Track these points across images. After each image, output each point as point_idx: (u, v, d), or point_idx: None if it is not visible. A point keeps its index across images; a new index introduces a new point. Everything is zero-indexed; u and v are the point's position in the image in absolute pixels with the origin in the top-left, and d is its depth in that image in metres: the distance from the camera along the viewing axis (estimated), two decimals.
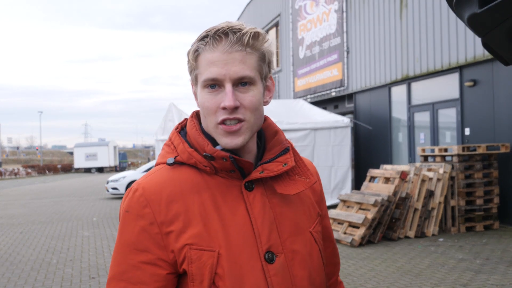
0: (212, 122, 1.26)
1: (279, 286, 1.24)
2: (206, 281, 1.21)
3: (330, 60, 18.08)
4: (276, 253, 1.27)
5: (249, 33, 1.23)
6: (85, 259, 8.84)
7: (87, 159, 56.28)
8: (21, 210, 18.00)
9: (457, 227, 10.20)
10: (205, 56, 1.24)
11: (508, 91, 10.58)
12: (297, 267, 1.29)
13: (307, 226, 1.37)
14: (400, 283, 6.69)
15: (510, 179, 10.61)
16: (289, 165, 1.32)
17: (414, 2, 13.36)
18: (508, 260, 7.73)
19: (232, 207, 1.27)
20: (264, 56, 1.29)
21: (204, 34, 1.25)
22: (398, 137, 14.75)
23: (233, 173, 1.30)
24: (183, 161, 1.31)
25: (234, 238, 1.24)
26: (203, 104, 1.27)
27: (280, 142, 1.37)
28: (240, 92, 1.24)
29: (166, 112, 16.54)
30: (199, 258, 1.22)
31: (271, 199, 1.31)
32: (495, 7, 1.17)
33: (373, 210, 9.34)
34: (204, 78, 1.24)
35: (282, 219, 1.31)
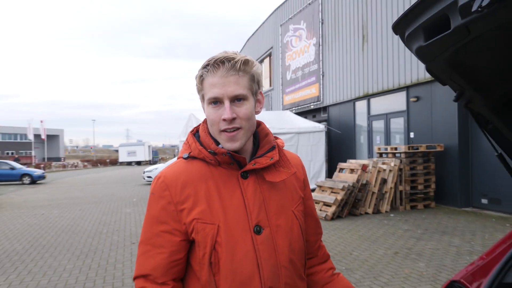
0: (216, 130, 1.27)
1: (264, 251, 1.25)
2: (208, 246, 1.23)
3: (310, 81, 18.04)
4: (263, 227, 1.27)
5: (240, 61, 1.24)
6: (127, 229, 8.87)
7: (129, 155, 56.16)
8: (79, 193, 17.97)
9: (404, 206, 10.25)
10: (208, 80, 1.25)
11: (443, 105, 10.62)
12: (280, 238, 1.29)
13: (290, 206, 1.36)
14: (361, 247, 6.73)
15: (443, 171, 10.67)
16: (275, 159, 1.32)
17: (373, 39, 13.39)
18: (441, 230, 7.78)
19: (231, 191, 1.28)
20: (253, 77, 1.28)
21: (206, 63, 1.26)
22: (360, 139, 14.74)
23: (232, 165, 1.30)
24: (195, 156, 1.33)
25: (230, 215, 1.25)
26: (209, 117, 1.28)
27: (269, 141, 1.37)
28: (236, 106, 1.24)
29: (187, 120, 16.51)
30: (203, 229, 1.24)
31: (261, 185, 1.31)
32: (436, 42, 1.20)
33: (341, 193, 9.39)
34: (208, 97, 1.25)
35: (269, 200, 1.31)
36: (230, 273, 1.23)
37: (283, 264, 1.29)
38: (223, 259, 1.23)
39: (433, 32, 1.20)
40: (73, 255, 6.82)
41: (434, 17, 1.16)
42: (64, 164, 51.83)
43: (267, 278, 1.25)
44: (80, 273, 5.81)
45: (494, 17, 1.02)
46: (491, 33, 1.11)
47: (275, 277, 1.27)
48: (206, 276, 1.25)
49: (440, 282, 4.97)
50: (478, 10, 0.98)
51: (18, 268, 6.12)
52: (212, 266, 1.24)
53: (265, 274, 1.25)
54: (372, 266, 5.72)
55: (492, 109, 1.55)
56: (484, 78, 1.41)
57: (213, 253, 1.24)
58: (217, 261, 1.24)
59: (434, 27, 1.19)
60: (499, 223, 8.39)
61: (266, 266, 1.25)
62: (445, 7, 1.10)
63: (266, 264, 1.25)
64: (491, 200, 9.83)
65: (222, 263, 1.23)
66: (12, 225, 9.90)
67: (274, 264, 1.27)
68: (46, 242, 7.84)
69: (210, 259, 1.24)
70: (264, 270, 1.25)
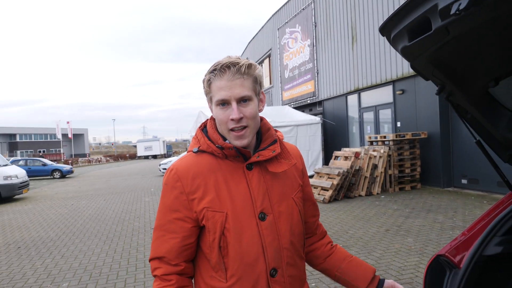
0: (225, 129, 1.26)
1: (268, 236, 1.26)
2: (218, 232, 1.24)
3: (306, 79, 17.95)
4: (267, 213, 1.27)
5: (245, 65, 1.22)
6: (147, 216, 8.90)
7: (146, 150, 56.36)
8: (103, 185, 18.05)
9: (393, 188, 10.23)
10: (215, 84, 1.23)
11: (425, 97, 10.57)
12: (282, 223, 1.29)
13: (291, 193, 1.35)
14: (356, 226, 6.74)
15: (427, 155, 10.63)
16: (276, 152, 1.31)
17: (361, 39, 13.30)
18: (426, 209, 7.77)
19: (237, 182, 1.28)
20: (256, 79, 1.27)
21: (213, 68, 1.24)
22: (353, 129, 14.68)
23: (238, 158, 1.30)
24: (204, 150, 1.32)
25: (237, 203, 1.25)
26: (218, 117, 1.26)
27: (271, 135, 1.36)
28: (242, 107, 1.23)
29: (197, 117, 16.46)
30: (213, 217, 1.24)
31: (265, 176, 1.30)
32: (419, 42, 1.21)
33: (337, 178, 9.38)
34: (216, 99, 1.23)
35: (272, 189, 1.30)
36: (238, 255, 1.24)
37: (285, 246, 1.29)
38: (231, 243, 1.24)
39: (416, 33, 1.20)
40: (100, 240, 6.86)
41: (417, 19, 1.16)
42: (89, 160, 52.01)
43: (271, 259, 1.26)
44: (107, 256, 5.85)
45: (470, 19, 1.02)
46: (468, 34, 1.11)
47: (278, 258, 1.28)
48: (216, 258, 1.25)
49: (426, 255, 4.97)
50: (456, 13, 0.98)
51: (53, 253, 6.17)
52: (222, 249, 1.24)
53: (269, 256, 1.26)
54: (366, 242, 5.73)
55: (470, 101, 1.54)
56: (462, 74, 1.41)
57: (222, 238, 1.24)
58: (225, 245, 1.24)
59: (417, 28, 1.18)
60: (478, 201, 8.38)
61: (270, 249, 1.26)
62: (427, 11, 1.10)
63: (270, 247, 1.26)
64: (470, 180, 9.81)
65: (231, 247, 1.24)
66: (46, 215, 9.97)
67: (277, 247, 1.27)
68: (76, 229, 7.89)
69: (220, 243, 1.24)
70: (268, 252, 1.26)
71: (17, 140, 66.74)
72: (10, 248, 6.68)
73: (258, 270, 1.25)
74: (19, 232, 8.01)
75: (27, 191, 14.73)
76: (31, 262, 5.73)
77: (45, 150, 68.87)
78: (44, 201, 13.01)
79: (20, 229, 8.28)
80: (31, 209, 11.26)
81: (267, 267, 1.25)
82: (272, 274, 1.26)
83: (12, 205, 12.49)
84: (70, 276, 5.00)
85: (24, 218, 9.78)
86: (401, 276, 4.33)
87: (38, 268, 5.45)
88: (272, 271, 1.26)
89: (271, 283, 1.26)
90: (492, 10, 0.98)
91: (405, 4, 1.17)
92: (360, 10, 13.26)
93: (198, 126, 1.41)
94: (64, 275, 5.08)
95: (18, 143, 66.47)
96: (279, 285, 1.27)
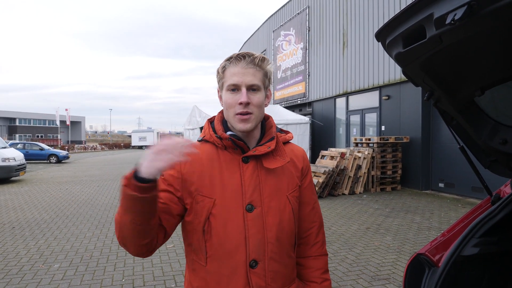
0: (231, 113, 1.26)
1: (252, 227, 1.24)
2: (203, 216, 1.23)
3: (297, 80, 17.95)
4: (255, 206, 1.26)
5: (259, 58, 1.25)
6: None
7: (140, 140, 55.89)
8: (97, 171, 17.89)
9: (375, 188, 10.31)
10: (230, 70, 1.25)
11: (410, 103, 10.65)
12: (270, 217, 1.27)
13: (286, 191, 1.32)
14: (338, 223, 6.77)
15: (408, 159, 10.72)
16: (271, 148, 1.30)
17: (352, 44, 13.34)
18: (405, 209, 7.84)
19: (231, 172, 1.28)
20: (267, 73, 1.29)
21: (230, 56, 1.27)
22: (340, 130, 14.74)
23: (236, 150, 1.29)
24: (207, 139, 1.33)
25: (227, 192, 1.25)
26: (227, 101, 1.26)
27: (271, 133, 1.35)
28: (251, 94, 1.24)
29: (191, 111, 16.38)
30: (202, 201, 1.24)
31: (259, 170, 1.29)
32: (413, 49, 1.21)
33: (323, 176, 9.41)
34: (228, 83, 1.25)
35: (265, 184, 1.28)
36: (220, 241, 1.23)
37: (270, 241, 1.26)
38: (215, 229, 1.23)
39: (411, 40, 1.20)
40: (92, 224, 6.79)
41: (412, 27, 1.15)
42: (85, 147, 51.41)
43: (252, 251, 1.24)
44: (98, 240, 5.79)
45: (464, 30, 1.02)
46: (460, 43, 1.12)
47: (260, 251, 1.25)
48: (198, 241, 1.26)
49: (404, 253, 5.02)
50: (451, 22, 0.98)
51: (46, 235, 6.09)
52: (205, 233, 1.24)
53: (250, 247, 1.24)
54: (348, 239, 5.76)
55: (456, 108, 1.55)
56: (451, 82, 1.41)
57: (206, 222, 1.23)
58: (209, 230, 1.23)
59: (412, 36, 1.18)
60: (453, 204, 8.47)
61: (252, 240, 1.24)
62: (422, 19, 1.10)
63: (253, 238, 1.24)
64: (446, 184, 9.91)
65: (214, 232, 1.23)
66: (41, 198, 9.84)
67: (260, 239, 1.25)
68: (70, 213, 7.80)
69: (204, 227, 1.24)
70: (250, 243, 1.24)
71: (17, 124, 65.76)
72: (4, 228, 6.58)
73: (237, 258, 1.23)
74: (14, 212, 7.90)
75: (23, 173, 14.54)
76: (25, 243, 5.66)
77: (43, 135, 68.05)
78: (39, 184, 12.85)
79: (16, 210, 8.16)
80: (27, 191, 11.11)
81: (247, 257, 1.24)
82: (252, 265, 1.24)
83: (8, 187, 12.31)
84: (62, 258, 4.94)
85: (19, 199, 9.64)
86: (379, 272, 4.36)
87: (31, 248, 5.38)
88: (252, 262, 1.24)
89: (250, 274, 1.24)
90: (485, 22, 0.98)
91: (402, 12, 1.16)
92: (351, 17, 13.29)
93: (192, 120, 1.42)
94: (56, 256, 5.02)
95: (17, 127, 65.51)
96: (259, 278, 1.25)
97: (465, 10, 0.94)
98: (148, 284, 4.10)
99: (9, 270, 4.51)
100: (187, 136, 17.38)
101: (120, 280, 4.20)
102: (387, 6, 11.39)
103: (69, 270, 4.49)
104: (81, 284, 4.07)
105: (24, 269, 4.55)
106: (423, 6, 1.09)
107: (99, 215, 7.61)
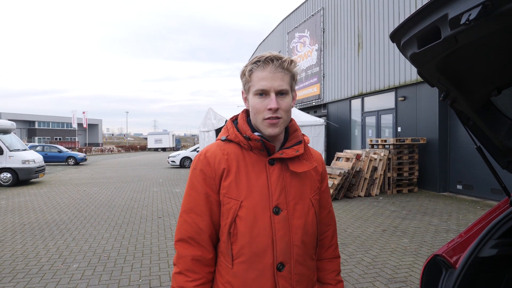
0: (260, 118, 1.24)
1: (280, 230, 1.23)
2: (229, 218, 1.23)
3: (312, 82, 17.91)
4: (282, 209, 1.25)
5: (288, 61, 1.23)
6: (154, 205, 8.93)
7: (156, 143, 56.29)
8: (115, 173, 18.13)
9: (391, 190, 10.20)
10: (257, 74, 1.23)
11: (426, 104, 10.52)
12: (296, 219, 1.26)
13: (309, 194, 1.32)
14: (354, 225, 6.72)
15: (425, 160, 10.58)
16: (300, 152, 1.30)
17: (367, 45, 13.25)
18: (422, 211, 7.74)
19: (258, 174, 1.26)
20: (294, 76, 1.27)
21: (257, 59, 1.24)
22: (355, 132, 14.64)
23: (262, 152, 1.28)
24: (231, 139, 1.31)
25: (254, 194, 1.23)
26: (255, 106, 1.25)
27: (297, 136, 1.35)
28: (279, 99, 1.22)
29: (206, 114, 16.44)
30: (228, 203, 1.24)
31: (285, 173, 1.28)
32: (428, 49, 1.21)
33: (338, 178, 9.36)
34: (256, 88, 1.23)
35: (290, 187, 1.28)
36: (247, 244, 1.22)
37: (296, 244, 1.26)
38: (242, 231, 1.23)
39: (426, 41, 1.20)
40: (109, 225, 6.90)
41: (427, 28, 1.15)
42: (102, 149, 52.19)
43: (280, 254, 1.23)
44: (115, 241, 5.88)
45: (479, 30, 1.02)
46: (475, 43, 1.11)
47: (287, 254, 1.25)
48: (225, 243, 1.25)
49: (421, 256, 4.96)
50: (466, 23, 0.98)
51: (65, 235, 6.21)
52: (231, 235, 1.24)
53: (278, 250, 1.23)
54: (364, 241, 5.72)
55: (473, 108, 1.54)
56: (466, 82, 1.41)
57: (232, 224, 1.23)
58: (235, 232, 1.23)
59: (427, 36, 1.18)
60: (471, 206, 8.33)
61: (280, 243, 1.23)
62: (437, 20, 1.10)
63: (280, 241, 1.23)
64: (465, 186, 9.75)
65: (240, 235, 1.23)
66: (59, 199, 10.03)
67: (287, 242, 1.25)
68: (87, 214, 7.93)
69: (230, 229, 1.24)
70: (277, 246, 1.23)
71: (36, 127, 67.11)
72: (25, 228, 6.73)
73: (265, 261, 1.23)
74: (34, 213, 8.07)
75: (43, 175, 14.84)
76: (44, 243, 5.78)
77: (61, 138, 69.29)
78: (58, 186, 13.10)
79: (35, 211, 8.34)
80: (46, 193, 11.33)
81: (275, 260, 1.23)
82: (279, 268, 1.23)
83: (28, 188, 12.59)
84: (80, 258, 5.03)
85: (39, 200, 9.85)
86: (396, 274, 4.32)
87: (50, 248, 5.49)
88: (279, 265, 1.24)
89: (277, 277, 1.23)
90: (500, 22, 0.98)
91: (417, 12, 1.16)
92: (366, 18, 13.20)
93: (207, 122, 1.43)
94: (75, 256, 5.11)
95: (37, 130, 66.85)
96: (285, 281, 1.24)
97: (480, 10, 0.94)
98: (164, 284, 4.14)
99: (30, 269, 4.62)
100: (202, 138, 17.49)
101: (137, 280, 4.26)
102: (402, 6, 11.29)
103: (88, 270, 4.57)
104: (99, 284, 4.14)
105: (44, 268, 4.65)
106: (438, 6, 1.09)
107: (116, 216, 7.72)
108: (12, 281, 4.22)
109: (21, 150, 14.20)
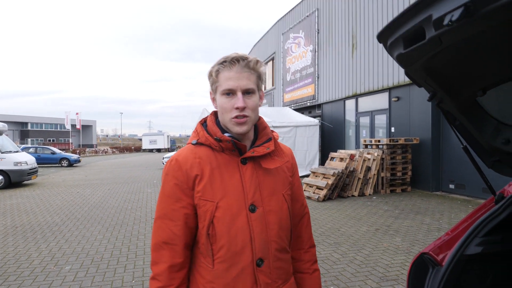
0: (227, 117, 1.26)
1: (256, 227, 1.25)
2: (207, 220, 1.24)
3: (306, 82, 17.95)
4: (257, 206, 1.27)
5: (254, 61, 1.25)
6: (148, 206, 8.92)
7: (150, 144, 56.06)
8: (108, 175, 18.05)
9: (385, 190, 10.25)
10: (224, 74, 1.24)
11: (419, 104, 10.58)
12: (271, 216, 1.29)
13: (281, 190, 1.34)
14: (348, 224, 6.75)
15: (418, 160, 10.65)
16: (271, 149, 1.32)
17: (361, 46, 13.31)
18: (415, 211, 7.79)
19: (231, 174, 1.28)
20: (260, 75, 1.29)
21: (223, 60, 1.25)
22: (349, 132, 14.69)
23: (234, 152, 1.30)
24: (202, 142, 1.32)
25: (229, 194, 1.25)
26: (222, 106, 1.26)
27: (266, 133, 1.37)
28: (246, 98, 1.25)
29: (200, 114, 16.44)
30: (204, 205, 1.24)
31: (258, 171, 1.30)
32: (413, 50, 1.21)
33: (332, 178, 9.39)
34: (223, 88, 1.25)
35: (264, 184, 1.30)
36: (226, 243, 1.24)
37: (273, 239, 1.29)
38: (220, 232, 1.24)
39: (411, 42, 1.21)
40: (103, 227, 6.87)
41: (412, 29, 1.16)
42: (96, 150, 51.92)
43: (258, 250, 1.26)
44: (109, 242, 5.86)
45: (462, 30, 1.03)
46: (459, 44, 1.13)
47: (265, 250, 1.27)
48: (204, 245, 1.27)
49: (413, 254, 4.99)
50: (449, 23, 0.99)
51: (57, 237, 6.18)
52: (210, 237, 1.25)
53: (256, 246, 1.26)
54: (357, 240, 5.75)
55: (459, 108, 1.56)
56: (452, 82, 1.42)
57: (210, 226, 1.24)
58: (214, 233, 1.24)
59: (412, 37, 1.19)
60: (463, 205, 8.39)
61: (257, 240, 1.26)
62: (421, 21, 1.11)
63: (258, 238, 1.26)
64: (457, 185, 9.82)
65: (219, 235, 1.24)
66: (52, 201, 9.98)
67: (264, 238, 1.27)
68: (81, 216, 7.90)
69: (208, 230, 1.25)
70: (256, 243, 1.26)
71: (29, 128, 66.69)
72: (17, 230, 6.69)
73: (244, 258, 1.25)
74: (26, 216, 8.02)
75: (35, 177, 14.75)
76: (37, 245, 5.75)
77: (55, 139, 68.86)
78: (51, 188, 13.02)
79: (28, 213, 8.29)
80: (39, 195, 11.27)
81: (254, 256, 1.26)
82: (259, 264, 1.26)
83: (21, 190, 12.51)
84: (73, 260, 5.01)
85: (31, 203, 9.79)
86: (387, 273, 4.35)
87: (43, 250, 5.46)
88: (259, 261, 1.26)
89: (257, 273, 1.26)
90: (483, 23, 0.99)
91: (402, 13, 1.17)
92: (361, 20, 13.27)
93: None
94: (67, 258, 5.09)
95: (29, 131, 66.43)
96: (265, 275, 1.27)
97: (462, 11, 0.95)
98: None
99: (22, 272, 4.60)
100: None
101: (130, 281, 4.25)
102: (396, 8, 11.36)
103: (80, 272, 4.56)
104: (91, 286, 4.13)
105: (36, 271, 4.62)
106: (422, 7, 1.10)
107: (110, 217, 7.69)
108: (4, 284, 4.20)
109: (13, 152, 14.09)
